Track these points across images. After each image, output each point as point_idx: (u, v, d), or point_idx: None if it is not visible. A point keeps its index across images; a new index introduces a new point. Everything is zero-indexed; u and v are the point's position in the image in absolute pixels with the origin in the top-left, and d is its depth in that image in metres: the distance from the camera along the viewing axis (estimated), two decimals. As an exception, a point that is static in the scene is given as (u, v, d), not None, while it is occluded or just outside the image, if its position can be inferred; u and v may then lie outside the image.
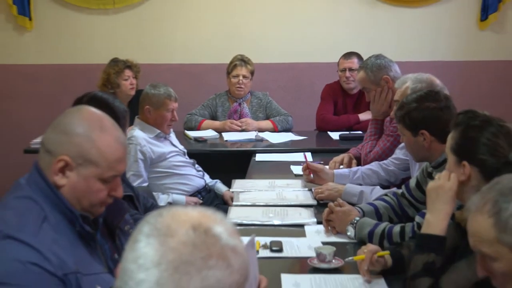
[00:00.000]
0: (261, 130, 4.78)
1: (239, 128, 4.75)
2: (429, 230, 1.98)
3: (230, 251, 1.04)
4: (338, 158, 3.70)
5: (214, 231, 1.05)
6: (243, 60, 4.90)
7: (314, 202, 3.09)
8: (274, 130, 4.84)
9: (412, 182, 2.75)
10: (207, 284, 1.00)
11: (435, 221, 1.98)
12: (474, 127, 1.95)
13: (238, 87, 4.90)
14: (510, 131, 1.93)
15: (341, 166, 3.60)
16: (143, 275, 1.01)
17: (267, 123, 4.89)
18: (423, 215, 2.31)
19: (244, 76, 4.88)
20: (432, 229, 1.97)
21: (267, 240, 2.47)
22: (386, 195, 2.86)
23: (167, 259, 1.01)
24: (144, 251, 1.03)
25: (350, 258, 2.26)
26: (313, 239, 2.59)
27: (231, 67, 4.92)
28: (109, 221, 1.85)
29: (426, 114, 2.50)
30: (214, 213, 1.11)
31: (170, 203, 3.63)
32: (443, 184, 1.97)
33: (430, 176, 2.59)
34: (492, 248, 1.38)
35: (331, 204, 2.76)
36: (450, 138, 2.01)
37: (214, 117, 4.98)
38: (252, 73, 4.93)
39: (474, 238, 1.43)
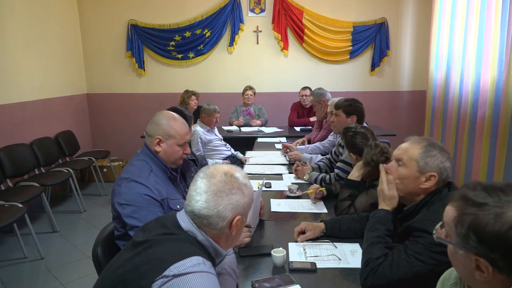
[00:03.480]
0: (260, 125, 4.76)
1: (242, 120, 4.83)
2: (352, 177, 1.94)
3: (243, 186, 1.05)
4: (299, 140, 3.67)
5: (235, 175, 1.06)
6: (250, 87, 4.89)
7: (287, 162, 3.07)
8: (261, 125, 4.81)
9: (332, 152, 2.74)
10: (231, 202, 1.02)
11: (358, 175, 1.92)
12: (352, 135, 2.01)
13: (247, 99, 4.87)
14: (366, 133, 2.00)
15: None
16: (199, 197, 1.03)
17: (259, 122, 4.86)
18: (338, 168, 2.38)
19: (250, 94, 4.85)
20: (355, 178, 1.93)
21: (263, 181, 2.45)
22: (323, 159, 2.85)
23: (211, 189, 1.02)
24: (200, 185, 1.04)
25: (305, 191, 2.25)
26: (287, 181, 2.59)
27: (244, 90, 4.90)
28: (183, 172, 1.84)
29: (354, 108, 2.53)
30: (236, 167, 1.11)
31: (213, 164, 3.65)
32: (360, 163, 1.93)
33: (341, 146, 2.60)
34: (408, 160, 1.32)
35: (297, 162, 2.78)
36: (344, 141, 2.07)
37: (238, 116, 4.94)
38: (254, 93, 4.90)
39: (402, 151, 1.35)
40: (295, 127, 4.74)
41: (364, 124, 2.56)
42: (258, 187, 1.97)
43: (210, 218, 1.01)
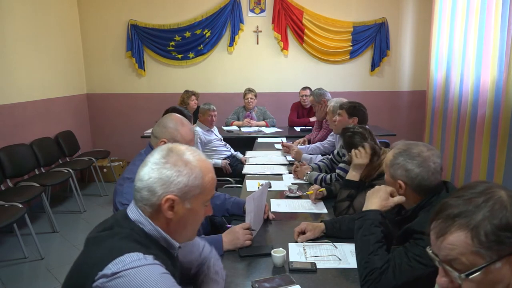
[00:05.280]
0: (260, 126, 4.75)
1: (249, 124, 4.74)
2: (351, 178, 1.93)
3: (182, 164, 0.98)
4: (299, 140, 3.67)
5: (181, 153, 1.01)
6: (250, 90, 4.86)
7: (287, 162, 3.07)
8: (266, 126, 4.80)
9: (335, 152, 2.73)
10: (161, 177, 0.96)
11: (355, 174, 1.93)
12: (350, 135, 1.98)
13: (248, 103, 4.85)
14: (364, 133, 1.97)
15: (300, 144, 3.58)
16: (141, 172, 0.99)
17: (263, 123, 4.84)
18: (339, 169, 2.36)
19: (251, 98, 4.83)
20: (353, 178, 1.93)
21: (263, 182, 2.45)
22: (324, 159, 2.84)
23: (150, 162, 0.99)
24: (146, 160, 1.01)
25: (305, 192, 2.25)
26: (287, 181, 2.58)
27: (244, 93, 4.88)
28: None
29: (357, 110, 2.54)
30: (194, 148, 1.06)
31: (212, 164, 3.64)
32: (360, 161, 1.91)
33: (342, 147, 2.59)
34: (385, 166, 1.39)
35: (296, 163, 2.76)
36: (343, 141, 2.04)
37: (238, 119, 4.94)
38: (255, 95, 4.87)
39: (386, 162, 1.40)
40: (295, 127, 4.73)
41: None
42: (258, 188, 1.98)
43: (141, 191, 0.96)
